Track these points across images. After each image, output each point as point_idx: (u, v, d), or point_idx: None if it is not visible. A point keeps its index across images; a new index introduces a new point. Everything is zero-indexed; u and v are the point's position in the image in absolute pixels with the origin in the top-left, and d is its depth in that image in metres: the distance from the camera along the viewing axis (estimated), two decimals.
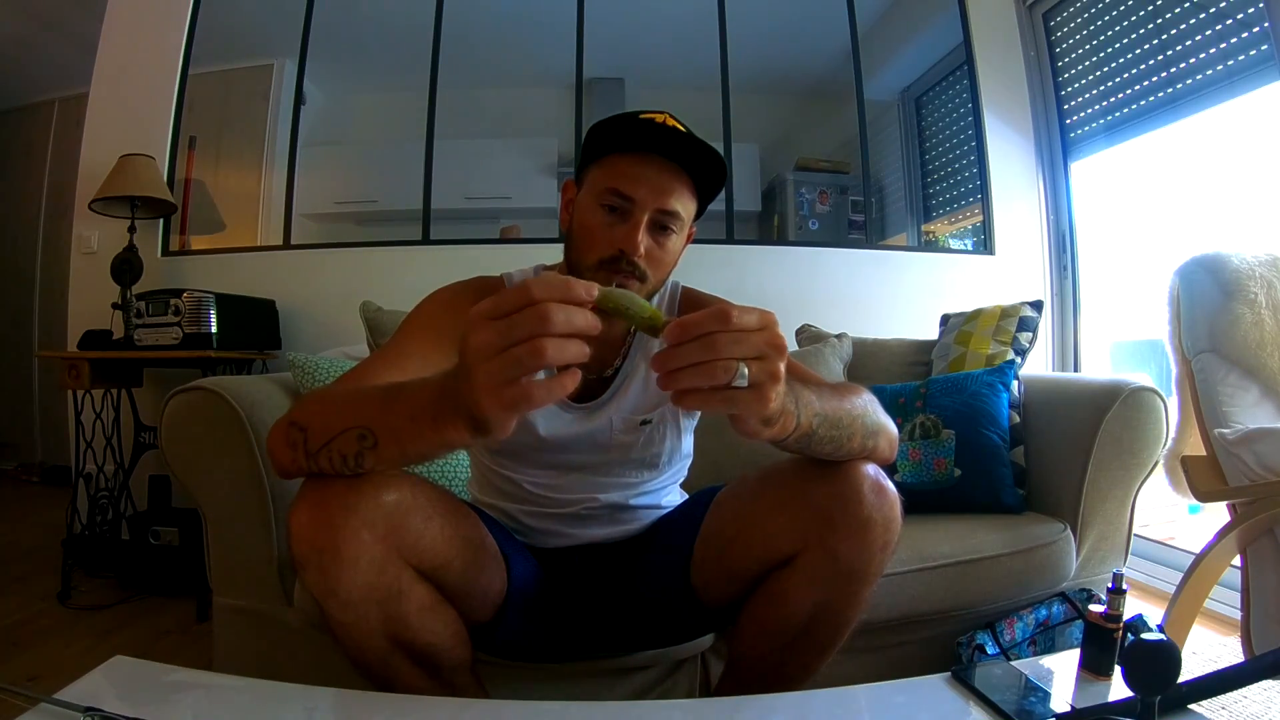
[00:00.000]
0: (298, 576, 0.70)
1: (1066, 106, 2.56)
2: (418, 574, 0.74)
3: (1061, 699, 0.70)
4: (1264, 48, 1.85)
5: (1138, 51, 2.24)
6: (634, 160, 0.81)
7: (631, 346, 0.97)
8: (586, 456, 0.94)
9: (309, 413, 0.67)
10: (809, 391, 0.65)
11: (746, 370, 0.52)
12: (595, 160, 0.85)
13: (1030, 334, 1.65)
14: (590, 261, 0.84)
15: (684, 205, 0.84)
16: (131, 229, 2.16)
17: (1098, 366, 2.51)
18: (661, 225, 0.84)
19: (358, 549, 0.67)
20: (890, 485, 0.76)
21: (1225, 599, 1.59)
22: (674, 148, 0.81)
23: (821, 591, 0.77)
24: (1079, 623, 1.24)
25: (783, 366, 0.54)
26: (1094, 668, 0.74)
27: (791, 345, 1.55)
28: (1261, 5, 1.84)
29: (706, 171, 0.84)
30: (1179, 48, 2.10)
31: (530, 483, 0.96)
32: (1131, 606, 1.44)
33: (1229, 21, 1.95)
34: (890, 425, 0.78)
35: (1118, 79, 2.32)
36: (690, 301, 1.01)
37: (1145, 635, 0.58)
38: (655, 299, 0.96)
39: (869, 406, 0.74)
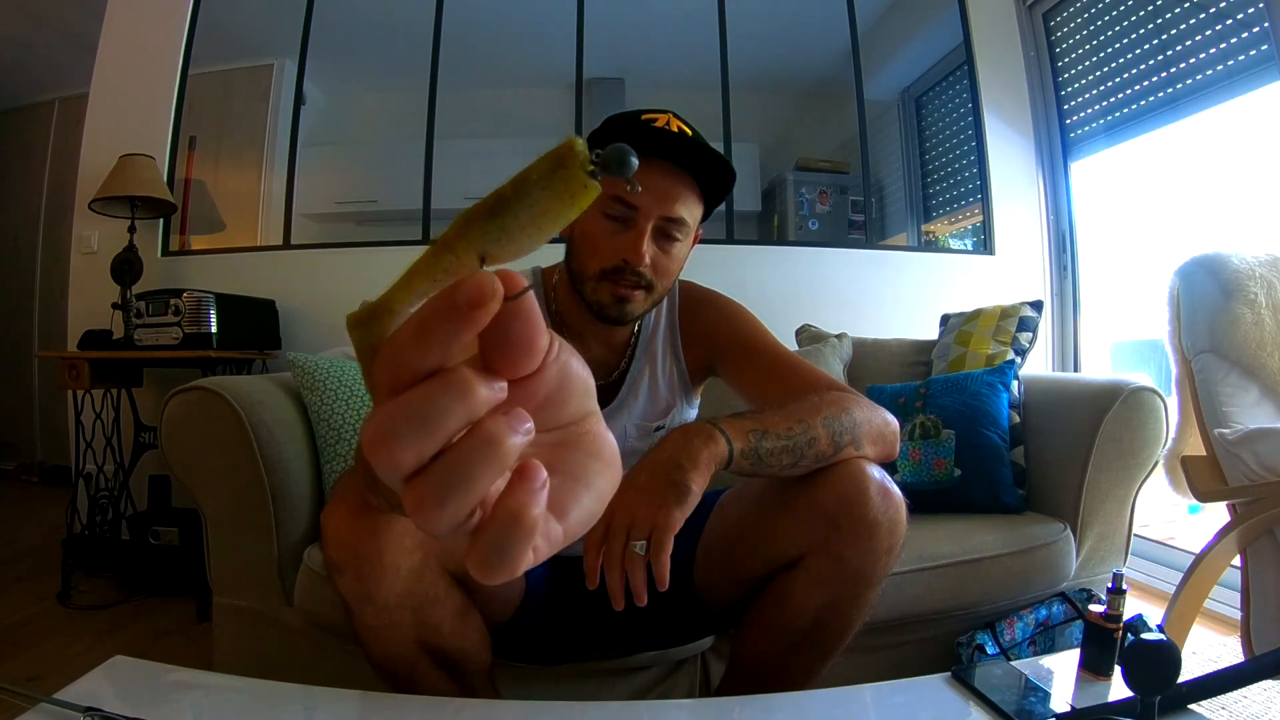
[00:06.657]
0: (330, 580, 0.70)
1: (1066, 106, 2.56)
2: (452, 580, 0.74)
3: (1061, 699, 0.70)
4: (1264, 48, 1.85)
5: (1138, 51, 2.23)
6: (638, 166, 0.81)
7: (635, 349, 0.95)
8: None
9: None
10: (745, 419, 0.68)
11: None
12: None
13: (1030, 334, 1.64)
14: (593, 271, 0.82)
15: (689, 211, 0.82)
16: (131, 229, 2.16)
17: (1098, 366, 2.51)
18: (666, 233, 0.82)
19: (399, 556, 0.67)
20: (896, 489, 0.76)
21: (1225, 599, 1.59)
22: (679, 152, 0.79)
23: (827, 593, 0.77)
24: (1079, 623, 1.24)
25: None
26: (1094, 668, 0.74)
27: (792, 345, 1.56)
28: (1261, 5, 1.84)
29: (712, 174, 0.82)
30: (1179, 48, 2.10)
31: None
32: (1131, 606, 1.44)
33: (1229, 21, 1.95)
34: (885, 429, 0.78)
35: (1118, 79, 2.31)
36: (690, 298, 0.98)
37: (1145, 635, 0.58)
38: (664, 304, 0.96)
39: (831, 413, 0.74)
